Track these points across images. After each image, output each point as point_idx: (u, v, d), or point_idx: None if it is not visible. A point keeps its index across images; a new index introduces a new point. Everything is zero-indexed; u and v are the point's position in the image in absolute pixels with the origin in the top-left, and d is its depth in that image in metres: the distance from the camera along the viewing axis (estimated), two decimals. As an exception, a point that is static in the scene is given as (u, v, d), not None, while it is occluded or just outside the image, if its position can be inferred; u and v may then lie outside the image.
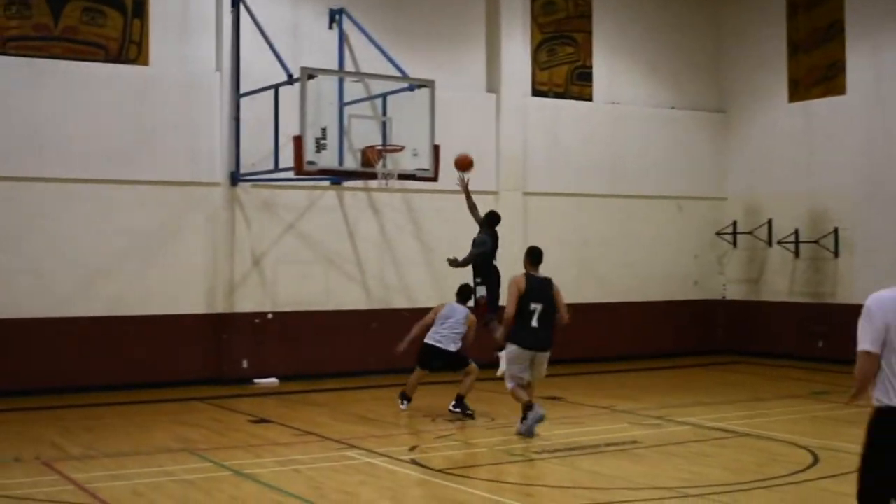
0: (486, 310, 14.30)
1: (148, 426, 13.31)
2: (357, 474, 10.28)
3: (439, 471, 10.33)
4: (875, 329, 5.96)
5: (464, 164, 14.73)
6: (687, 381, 18.23)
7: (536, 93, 20.41)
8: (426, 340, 13.92)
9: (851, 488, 9.46)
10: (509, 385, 12.15)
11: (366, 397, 15.86)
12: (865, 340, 6.00)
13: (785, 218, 20.93)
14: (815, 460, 10.84)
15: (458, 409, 13.59)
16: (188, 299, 16.99)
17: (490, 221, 14.67)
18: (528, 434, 12.02)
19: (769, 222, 21.16)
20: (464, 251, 14.81)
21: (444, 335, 13.82)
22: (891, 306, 5.97)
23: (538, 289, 12.39)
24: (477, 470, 10.43)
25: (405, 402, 14.15)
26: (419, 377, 14.11)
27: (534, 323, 12.11)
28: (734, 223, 21.87)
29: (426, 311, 14.52)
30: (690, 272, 21.86)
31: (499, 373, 12.91)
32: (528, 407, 12.06)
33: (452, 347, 13.81)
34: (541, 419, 12.09)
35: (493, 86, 19.89)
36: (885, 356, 5.98)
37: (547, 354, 12.32)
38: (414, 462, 10.73)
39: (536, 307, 12.13)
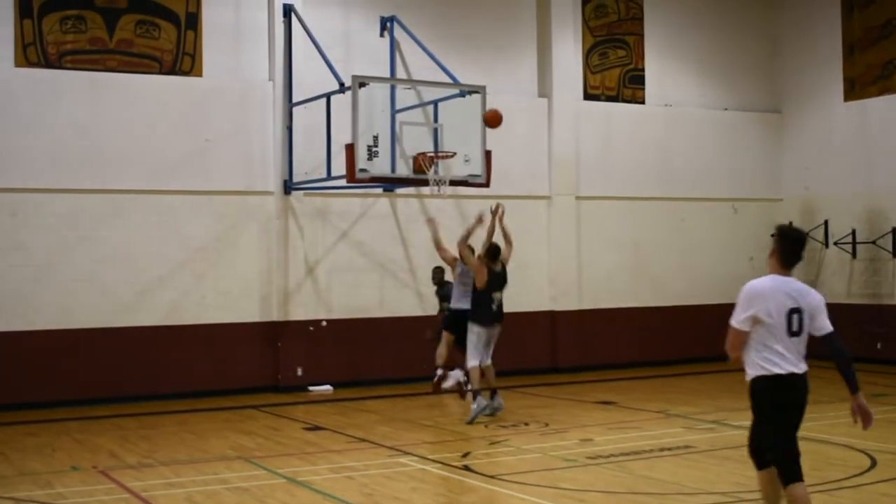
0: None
1: (204, 434, 13.45)
2: (410, 481, 10.32)
3: (492, 477, 10.34)
4: (744, 311, 7.43)
5: (495, 119, 14.91)
6: (742, 384, 18.01)
7: (588, 97, 20.37)
8: (454, 306, 14.57)
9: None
10: (473, 363, 13.72)
11: (419, 404, 15.90)
12: (735, 319, 7.50)
13: (841, 218, 20.70)
14: (873, 463, 10.72)
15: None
16: (243, 307, 17.15)
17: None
18: (488, 412, 13.69)
19: (825, 223, 20.94)
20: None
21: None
22: (758, 295, 7.41)
23: (497, 281, 14.04)
24: (530, 476, 10.41)
25: (444, 371, 14.88)
26: (449, 344, 14.78)
27: (493, 307, 13.88)
28: (790, 224, 21.62)
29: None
30: (746, 274, 21.47)
31: (448, 385, 14.72)
32: (493, 392, 14.00)
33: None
34: (496, 410, 13.94)
35: (544, 90, 19.87)
36: (757, 334, 7.47)
37: (500, 327, 14.06)
38: (467, 468, 10.74)
39: (496, 295, 13.92)
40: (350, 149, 15.06)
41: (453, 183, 15.82)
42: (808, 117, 21.63)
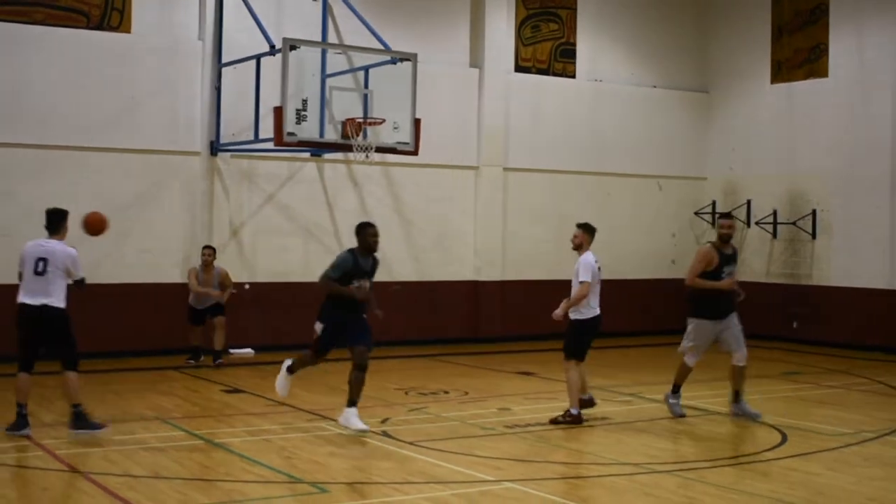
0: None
1: (122, 395, 13.34)
2: (328, 445, 10.35)
3: (410, 443, 10.40)
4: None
5: (96, 225, 11.64)
6: (661, 359, 18.25)
7: (519, 69, 20.41)
8: None
9: (817, 467, 9.65)
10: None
11: (340, 369, 15.79)
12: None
13: (764, 199, 21.03)
14: (784, 439, 10.94)
15: None
16: (165, 269, 17.00)
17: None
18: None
19: (748, 203, 21.26)
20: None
21: None
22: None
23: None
24: (447, 443, 10.49)
25: None
26: None
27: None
28: (713, 203, 21.96)
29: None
30: (668, 251, 21.94)
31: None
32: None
33: None
34: None
35: (476, 61, 19.88)
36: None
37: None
38: (385, 434, 10.79)
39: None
40: (278, 112, 15.00)
41: (381, 150, 15.85)
42: (735, 98, 21.89)
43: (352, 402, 10.87)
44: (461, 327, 19.52)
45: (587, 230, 11.88)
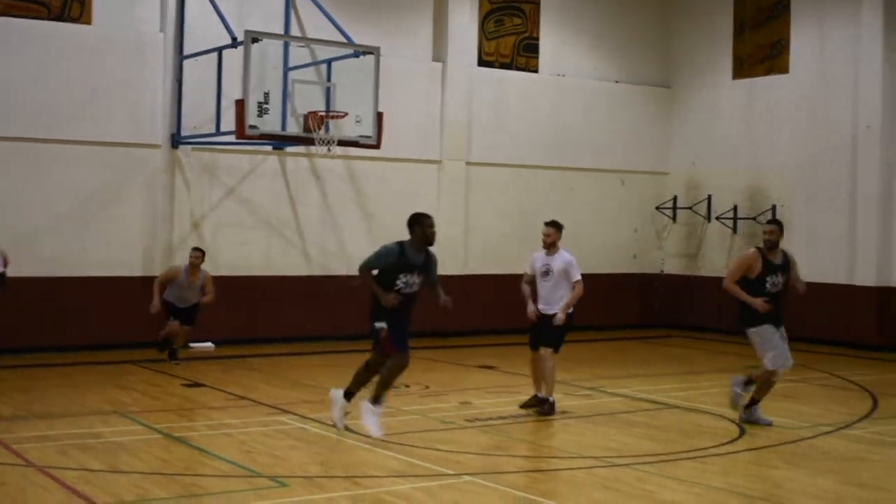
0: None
1: (82, 388, 13.24)
2: (288, 439, 10.34)
3: (370, 437, 10.38)
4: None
5: None
6: (622, 353, 18.45)
7: (483, 63, 20.41)
8: None
9: (775, 460, 9.73)
10: None
11: (301, 363, 15.89)
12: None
13: (724, 194, 21.16)
14: (742, 432, 11.03)
15: None
16: (126, 261, 16.89)
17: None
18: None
19: (709, 198, 21.39)
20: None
21: None
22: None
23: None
24: (408, 437, 10.49)
25: None
26: None
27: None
28: (674, 198, 22.08)
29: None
30: (630, 246, 22.05)
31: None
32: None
33: None
34: None
35: (439, 55, 19.86)
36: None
37: None
38: (346, 429, 10.77)
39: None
40: (240, 105, 14.94)
41: (343, 143, 15.81)
42: (697, 93, 22.00)
43: (376, 399, 10.26)
44: (423, 321, 19.44)
45: (559, 228, 12.00)
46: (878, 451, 10.46)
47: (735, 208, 20.89)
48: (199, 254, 15.56)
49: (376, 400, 10.28)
